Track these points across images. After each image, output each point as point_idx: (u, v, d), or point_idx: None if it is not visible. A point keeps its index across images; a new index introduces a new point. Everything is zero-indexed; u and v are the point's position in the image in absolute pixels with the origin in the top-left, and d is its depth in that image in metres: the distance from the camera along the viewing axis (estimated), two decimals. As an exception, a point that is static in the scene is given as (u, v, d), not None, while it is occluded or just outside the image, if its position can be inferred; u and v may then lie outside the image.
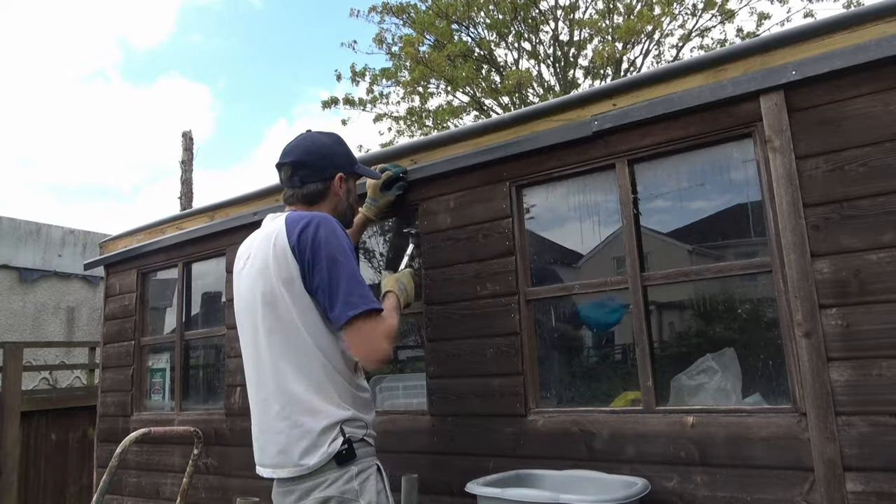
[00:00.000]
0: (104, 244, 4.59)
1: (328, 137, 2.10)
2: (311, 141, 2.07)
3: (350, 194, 2.11)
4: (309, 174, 2.00)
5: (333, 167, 2.03)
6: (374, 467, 1.80)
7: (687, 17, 12.76)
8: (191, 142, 11.95)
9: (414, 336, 3.19)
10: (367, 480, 1.77)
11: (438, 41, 13.08)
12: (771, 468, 1.89)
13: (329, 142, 2.08)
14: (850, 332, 1.82)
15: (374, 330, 1.76)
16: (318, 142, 2.06)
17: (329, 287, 1.74)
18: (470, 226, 2.62)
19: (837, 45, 1.91)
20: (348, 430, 1.77)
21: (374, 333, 1.76)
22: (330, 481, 1.73)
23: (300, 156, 2.02)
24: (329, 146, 2.07)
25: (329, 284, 1.74)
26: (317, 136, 2.09)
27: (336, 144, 2.09)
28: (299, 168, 2.00)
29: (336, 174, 2.03)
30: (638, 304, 2.20)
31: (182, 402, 3.81)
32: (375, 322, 1.76)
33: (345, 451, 1.74)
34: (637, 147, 2.27)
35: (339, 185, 2.04)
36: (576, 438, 2.25)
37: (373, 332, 1.75)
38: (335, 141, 2.11)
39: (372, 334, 1.75)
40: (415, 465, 2.56)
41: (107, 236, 4.65)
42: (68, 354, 10.37)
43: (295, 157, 2.02)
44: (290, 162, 2.01)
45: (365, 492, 1.74)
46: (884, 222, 1.80)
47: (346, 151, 2.12)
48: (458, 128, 2.84)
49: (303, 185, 2.00)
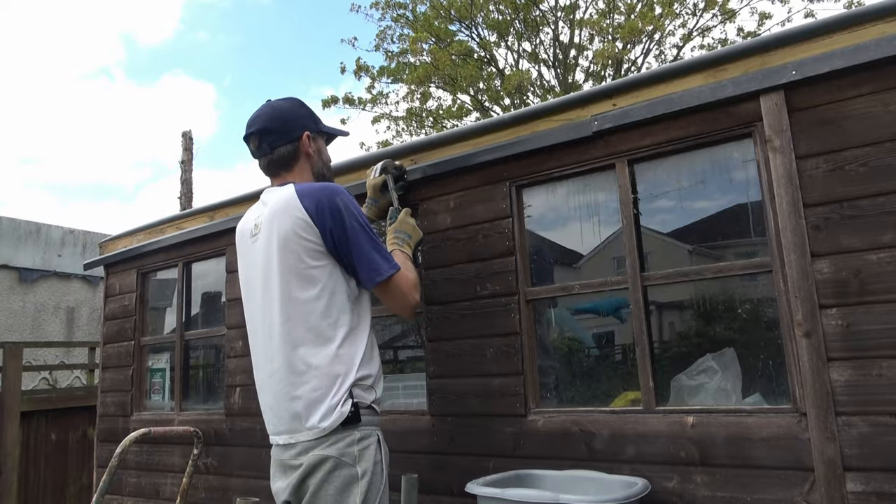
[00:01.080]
0: (104, 244, 4.59)
1: (288, 101, 2.14)
2: (272, 107, 2.11)
3: (321, 154, 2.16)
4: (276, 138, 2.05)
5: (299, 127, 2.08)
6: (375, 437, 1.86)
7: (688, 17, 12.77)
8: (190, 142, 11.95)
9: (414, 336, 3.19)
10: (367, 448, 1.81)
11: (440, 40, 13.08)
12: (771, 468, 1.89)
13: (289, 105, 2.12)
14: (850, 332, 1.82)
15: (399, 288, 1.96)
16: (279, 107, 2.10)
17: (353, 254, 1.88)
18: (470, 226, 2.62)
19: (837, 45, 1.91)
20: (357, 393, 1.83)
21: (400, 291, 1.96)
22: (332, 441, 1.79)
23: (264, 123, 2.06)
24: (290, 109, 2.11)
25: (353, 252, 1.88)
26: (277, 103, 2.13)
27: (297, 107, 2.14)
28: (266, 135, 2.05)
29: (302, 133, 2.07)
30: (638, 304, 2.20)
31: (182, 402, 3.81)
32: (398, 281, 1.95)
33: (351, 415, 1.81)
34: (637, 147, 2.26)
35: (308, 144, 2.09)
36: (576, 438, 2.25)
37: (398, 290, 1.96)
38: (295, 104, 2.15)
39: (398, 292, 1.96)
40: (415, 465, 2.56)
41: (107, 236, 4.64)
42: (68, 354, 10.37)
43: (260, 125, 2.06)
44: (255, 131, 2.06)
45: (363, 459, 1.79)
46: (884, 222, 1.80)
47: (308, 112, 2.16)
48: (459, 128, 2.84)
49: (273, 150, 2.05)
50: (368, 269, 1.89)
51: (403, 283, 1.97)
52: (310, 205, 1.87)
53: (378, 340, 3.37)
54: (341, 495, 1.76)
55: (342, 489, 1.76)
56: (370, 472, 1.78)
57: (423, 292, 2.69)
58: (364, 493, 1.76)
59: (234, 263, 3.51)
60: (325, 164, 2.18)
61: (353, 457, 1.78)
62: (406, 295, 1.97)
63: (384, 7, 13.93)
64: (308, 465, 1.79)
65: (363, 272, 1.90)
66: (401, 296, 1.97)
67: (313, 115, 2.17)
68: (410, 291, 1.99)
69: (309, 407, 1.81)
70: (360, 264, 1.89)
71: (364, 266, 1.89)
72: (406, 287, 1.97)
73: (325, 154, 2.20)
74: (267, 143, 2.05)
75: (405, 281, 1.98)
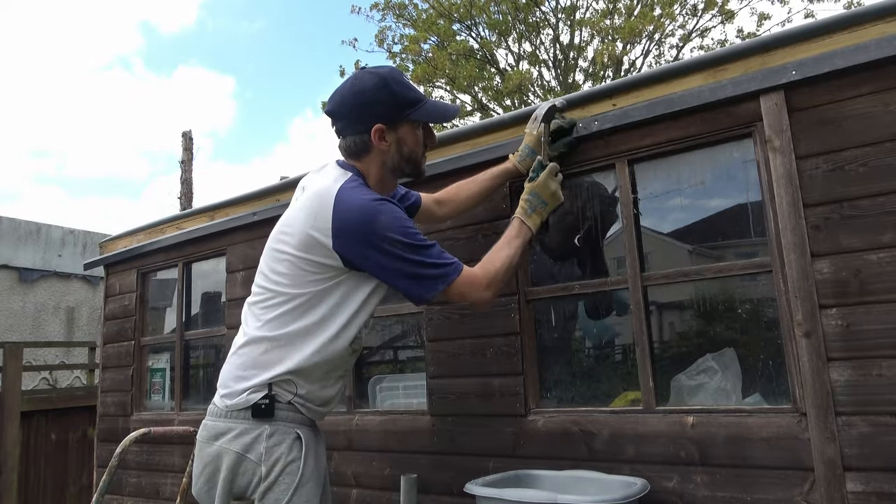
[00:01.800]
0: (104, 244, 4.59)
1: (372, 78, 1.79)
2: (350, 85, 1.81)
3: (402, 146, 1.84)
4: (344, 126, 1.82)
5: (369, 118, 1.78)
6: (292, 434, 1.71)
7: (687, 18, 12.77)
8: (190, 142, 11.96)
9: (414, 336, 3.19)
10: (279, 446, 1.69)
11: (441, 41, 13.09)
12: (771, 468, 1.89)
13: (370, 85, 1.78)
14: (850, 332, 1.82)
15: (462, 295, 1.77)
16: (357, 86, 1.79)
17: (396, 278, 1.73)
18: (470, 226, 2.62)
19: (837, 45, 1.91)
20: (276, 389, 1.73)
21: (460, 294, 1.77)
22: (238, 433, 1.69)
23: (335, 104, 1.82)
24: (368, 92, 1.77)
25: (394, 277, 1.73)
26: (360, 79, 1.81)
27: (377, 90, 1.77)
28: (336, 119, 1.83)
29: (372, 126, 1.78)
30: (638, 304, 2.20)
31: (182, 402, 3.81)
32: (455, 288, 1.75)
33: (263, 406, 1.69)
34: (637, 147, 2.27)
35: (377, 139, 1.80)
36: (576, 438, 2.25)
37: (461, 296, 1.78)
38: (377, 83, 1.78)
39: (461, 298, 1.78)
40: (415, 465, 2.56)
41: (107, 236, 4.65)
42: (68, 354, 10.38)
43: (332, 105, 1.83)
44: (327, 111, 1.84)
45: (270, 457, 1.66)
46: (884, 222, 1.80)
47: (389, 97, 1.78)
48: (459, 128, 2.84)
49: (343, 138, 1.84)
50: (413, 296, 1.76)
51: (464, 287, 1.76)
52: (336, 219, 1.67)
53: (378, 340, 3.39)
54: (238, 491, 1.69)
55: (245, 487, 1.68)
56: (278, 471, 1.66)
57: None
58: (265, 492, 1.66)
59: (235, 263, 3.53)
60: (407, 157, 1.87)
61: (258, 454, 1.66)
62: (466, 295, 1.77)
63: (384, 8, 13.94)
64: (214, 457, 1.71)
65: (409, 297, 1.77)
66: (460, 297, 1.78)
67: (398, 99, 1.80)
68: (473, 291, 1.78)
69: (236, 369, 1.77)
70: (407, 287, 1.75)
71: (408, 292, 1.76)
72: (467, 288, 1.77)
73: (409, 146, 1.86)
74: (337, 128, 1.84)
75: (467, 284, 1.76)
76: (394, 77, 1.82)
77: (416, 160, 1.90)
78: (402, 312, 2.93)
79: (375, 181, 1.87)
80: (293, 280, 1.74)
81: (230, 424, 1.72)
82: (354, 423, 2.86)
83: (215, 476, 1.73)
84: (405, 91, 1.82)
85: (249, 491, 1.69)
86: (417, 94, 1.86)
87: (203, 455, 1.77)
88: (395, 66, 1.90)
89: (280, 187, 3.33)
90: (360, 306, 1.80)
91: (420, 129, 1.89)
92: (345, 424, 2.87)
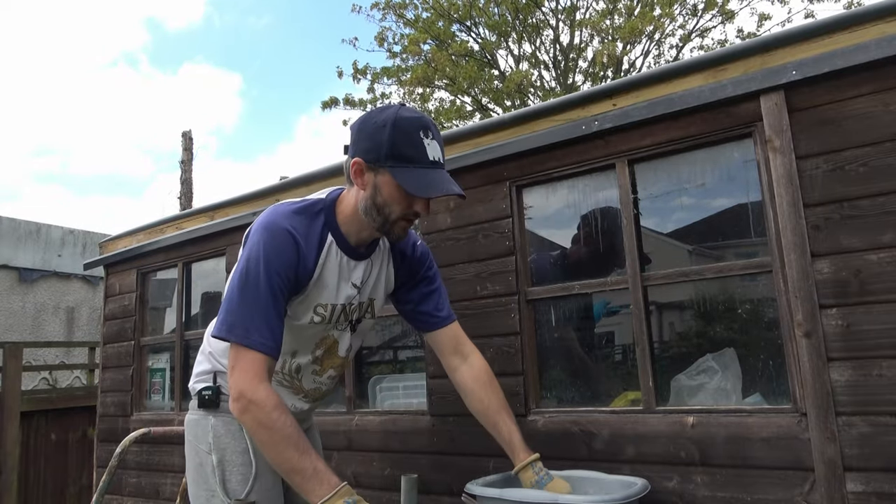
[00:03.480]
0: (104, 244, 4.59)
1: (387, 115, 1.64)
2: (372, 110, 1.74)
3: (377, 192, 1.64)
4: (347, 147, 1.73)
5: (356, 149, 1.66)
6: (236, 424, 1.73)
7: (687, 18, 12.78)
8: (190, 142, 11.97)
9: (414, 336, 3.19)
10: (225, 437, 1.76)
11: (441, 41, 13.10)
12: (771, 468, 1.89)
13: (380, 119, 1.64)
14: (850, 332, 1.82)
15: (229, 370, 1.57)
16: (373, 113, 1.69)
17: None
18: (470, 226, 2.62)
19: (837, 45, 1.91)
20: (220, 380, 1.80)
21: (229, 374, 1.56)
22: (194, 421, 1.81)
23: (356, 121, 1.75)
24: (373, 123, 1.64)
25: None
26: (383, 109, 1.69)
27: (380, 125, 1.62)
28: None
29: (353, 157, 1.66)
30: (638, 304, 2.20)
31: (182, 402, 3.81)
32: (234, 361, 1.55)
33: (206, 397, 1.78)
34: (637, 147, 2.26)
35: (353, 172, 1.66)
36: (576, 438, 2.25)
37: (230, 375, 1.56)
38: (384, 120, 1.62)
39: (230, 378, 1.56)
40: (415, 465, 2.56)
41: (107, 236, 4.65)
42: (68, 354, 10.38)
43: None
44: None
45: (218, 447, 1.75)
46: (884, 222, 1.80)
47: (382, 139, 1.60)
48: (459, 128, 2.84)
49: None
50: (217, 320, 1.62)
51: (236, 365, 1.54)
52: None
53: (378, 340, 3.39)
54: (198, 482, 1.76)
55: (200, 477, 1.76)
56: (229, 461, 1.73)
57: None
58: (221, 480, 1.72)
59: (234, 263, 3.52)
60: (378, 207, 1.66)
61: (208, 444, 1.76)
62: (229, 374, 1.56)
63: (384, 8, 13.94)
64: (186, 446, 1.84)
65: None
66: (232, 372, 1.55)
67: (386, 146, 1.60)
68: (235, 382, 1.53)
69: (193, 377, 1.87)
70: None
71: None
72: (236, 373, 1.54)
73: (384, 197, 1.65)
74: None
75: (241, 369, 1.53)
76: (406, 125, 1.62)
77: (387, 216, 1.67)
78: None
79: (350, 213, 1.73)
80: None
81: (189, 415, 1.84)
82: (354, 423, 2.86)
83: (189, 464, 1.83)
84: (403, 142, 1.61)
85: (216, 480, 1.74)
86: (416, 154, 1.62)
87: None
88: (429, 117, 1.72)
89: (280, 187, 3.33)
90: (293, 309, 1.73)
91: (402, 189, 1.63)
92: (345, 424, 2.87)
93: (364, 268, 1.80)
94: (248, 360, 1.52)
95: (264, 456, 1.57)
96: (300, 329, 1.76)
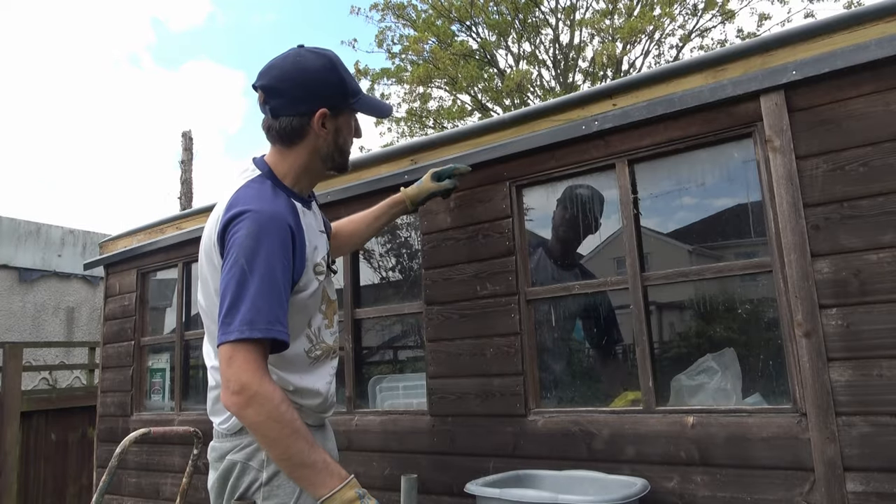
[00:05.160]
0: (104, 244, 4.59)
1: (319, 59, 1.62)
2: (295, 61, 1.62)
3: (338, 134, 1.67)
4: (283, 105, 1.61)
5: (316, 100, 1.60)
6: None
7: (687, 18, 12.78)
8: (190, 142, 11.95)
9: (414, 336, 3.19)
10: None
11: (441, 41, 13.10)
12: (771, 468, 1.89)
13: (318, 65, 1.61)
14: (850, 332, 1.82)
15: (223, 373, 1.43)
16: (303, 64, 1.61)
17: (221, 295, 1.47)
18: (470, 226, 2.61)
19: (838, 45, 1.91)
20: None
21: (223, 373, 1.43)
22: (243, 445, 1.67)
23: (275, 80, 1.61)
24: (316, 71, 1.60)
25: (223, 292, 1.46)
26: (305, 56, 1.63)
27: (326, 71, 1.61)
28: (272, 95, 1.61)
29: (317, 109, 1.60)
30: (638, 304, 2.20)
31: (182, 402, 3.81)
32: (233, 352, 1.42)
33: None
34: (637, 147, 2.26)
35: (318, 125, 1.62)
36: (576, 438, 2.25)
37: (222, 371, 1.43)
38: (325, 65, 1.61)
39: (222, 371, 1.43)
40: (415, 465, 2.56)
41: (107, 236, 4.65)
42: (68, 354, 10.37)
43: (269, 79, 1.62)
44: (261, 85, 1.62)
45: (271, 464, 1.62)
46: (884, 222, 1.80)
47: (339, 79, 1.63)
48: (458, 128, 2.84)
49: (276, 118, 1.62)
50: (221, 321, 1.44)
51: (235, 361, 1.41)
52: (224, 224, 1.55)
53: (378, 340, 3.39)
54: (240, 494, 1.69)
55: (245, 490, 1.68)
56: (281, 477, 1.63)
57: (424, 292, 2.69)
58: (267, 497, 1.65)
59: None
60: (339, 147, 1.69)
61: (260, 462, 1.63)
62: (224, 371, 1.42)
63: (383, 8, 13.95)
64: (223, 470, 1.70)
65: (219, 321, 1.46)
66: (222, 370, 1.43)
67: (344, 84, 1.64)
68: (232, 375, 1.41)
69: (213, 403, 1.73)
70: (221, 309, 1.46)
71: (221, 313, 1.45)
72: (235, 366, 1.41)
73: (345, 135, 1.69)
74: (270, 106, 1.62)
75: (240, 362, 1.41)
76: (340, 61, 1.66)
77: (347, 151, 1.74)
78: (402, 312, 2.93)
79: (300, 170, 1.69)
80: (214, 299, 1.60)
81: (235, 441, 1.72)
82: (354, 423, 2.86)
83: (224, 486, 1.74)
84: (351, 79, 1.67)
85: (251, 493, 1.70)
86: (356, 83, 1.72)
87: (214, 471, 1.79)
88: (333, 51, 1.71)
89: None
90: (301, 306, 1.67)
91: (354, 121, 1.73)
92: (345, 424, 2.87)
93: (314, 213, 1.80)
94: (249, 351, 1.42)
95: (267, 451, 1.51)
96: (313, 297, 1.71)
